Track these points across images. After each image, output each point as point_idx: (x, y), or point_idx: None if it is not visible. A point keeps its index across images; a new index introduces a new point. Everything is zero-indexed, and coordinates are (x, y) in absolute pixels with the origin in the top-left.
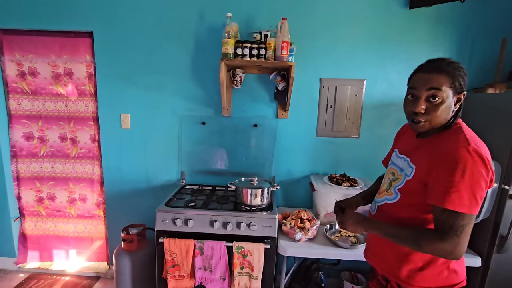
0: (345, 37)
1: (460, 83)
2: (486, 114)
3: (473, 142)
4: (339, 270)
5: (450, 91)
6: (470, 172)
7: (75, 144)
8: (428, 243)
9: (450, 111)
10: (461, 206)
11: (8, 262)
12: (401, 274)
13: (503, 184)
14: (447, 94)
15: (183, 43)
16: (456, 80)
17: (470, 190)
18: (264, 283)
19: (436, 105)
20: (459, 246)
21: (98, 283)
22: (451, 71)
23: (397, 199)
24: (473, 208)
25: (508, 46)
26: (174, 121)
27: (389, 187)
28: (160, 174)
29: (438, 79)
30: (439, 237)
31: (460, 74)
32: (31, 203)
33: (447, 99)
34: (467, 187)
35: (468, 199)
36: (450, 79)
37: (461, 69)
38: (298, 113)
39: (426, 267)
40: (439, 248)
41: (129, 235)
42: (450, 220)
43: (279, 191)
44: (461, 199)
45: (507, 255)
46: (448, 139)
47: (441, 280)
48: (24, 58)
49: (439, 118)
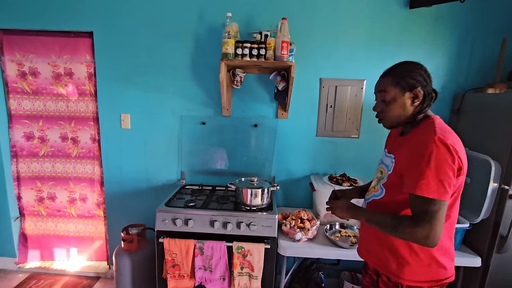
0: (345, 37)
1: (407, 81)
2: (486, 114)
3: (440, 132)
4: (339, 270)
5: (395, 89)
6: (435, 159)
7: (76, 144)
8: (404, 228)
9: (405, 107)
10: (428, 192)
11: (8, 262)
12: (391, 266)
13: (503, 184)
14: (394, 93)
15: (183, 43)
16: (401, 79)
17: (437, 177)
18: (264, 283)
19: (386, 104)
20: (432, 231)
21: (98, 283)
22: (395, 72)
23: (383, 195)
24: (442, 195)
25: (508, 46)
26: (174, 121)
27: (377, 184)
28: (160, 174)
29: (382, 82)
30: (414, 223)
31: (408, 73)
32: (31, 203)
33: (395, 98)
34: (433, 174)
35: (435, 185)
36: (392, 79)
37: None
38: (298, 113)
39: (413, 260)
40: (415, 234)
41: (129, 235)
42: (422, 206)
43: (279, 191)
44: (428, 186)
45: (507, 255)
46: (421, 133)
47: (430, 274)
48: (25, 58)
49: (393, 115)
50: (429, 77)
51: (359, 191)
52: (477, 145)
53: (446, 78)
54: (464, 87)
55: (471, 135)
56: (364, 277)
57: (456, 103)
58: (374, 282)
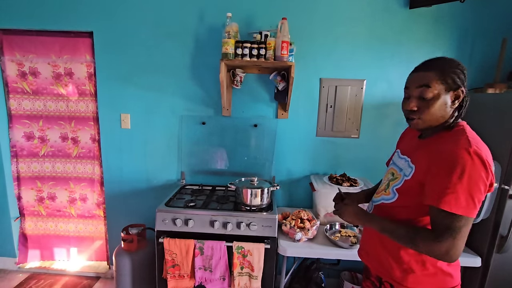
0: (345, 37)
1: (453, 79)
2: (486, 114)
3: (474, 144)
4: (339, 270)
5: (441, 86)
6: (468, 174)
7: (76, 144)
8: (423, 242)
9: (445, 109)
10: (457, 207)
11: (8, 262)
12: (395, 274)
13: (503, 184)
14: (439, 90)
15: (183, 43)
16: (448, 76)
17: (468, 192)
18: (264, 283)
19: (428, 102)
20: (454, 248)
21: (98, 283)
22: (440, 66)
23: (395, 199)
24: (471, 211)
25: (508, 46)
26: (174, 121)
27: (388, 187)
28: (160, 174)
29: (427, 76)
30: (435, 238)
31: (453, 69)
32: (31, 203)
33: (439, 95)
34: (465, 189)
35: (465, 201)
36: (439, 75)
37: (455, 64)
38: (298, 113)
39: (419, 269)
40: (434, 248)
41: (129, 235)
42: (446, 221)
43: (279, 191)
44: (457, 201)
45: (507, 255)
46: (449, 140)
47: (435, 283)
48: (25, 58)
49: (433, 115)
50: (466, 78)
51: (366, 195)
52: None
53: None
54: None
55: None
56: (364, 281)
57: None
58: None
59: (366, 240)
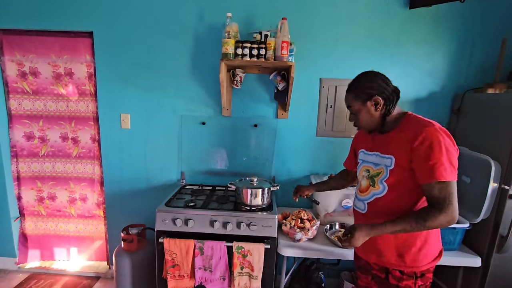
0: (345, 37)
1: (364, 92)
2: (486, 114)
3: (434, 122)
4: (339, 270)
5: (357, 102)
6: (444, 146)
7: (77, 144)
8: (431, 220)
9: (371, 115)
10: (447, 175)
11: (8, 262)
12: (406, 260)
13: (503, 184)
14: (358, 106)
15: (183, 43)
16: (360, 92)
17: (449, 161)
18: (264, 283)
19: (357, 115)
20: (454, 211)
21: (98, 283)
22: (353, 88)
23: (386, 191)
24: (455, 175)
25: (508, 46)
26: (174, 121)
27: (373, 182)
28: (160, 174)
29: (347, 98)
30: (439, 211)
31: (363, 84)
32: (31, 203)
33: (361, 109)
34: (446, 159)
35: (450, 169)
36: (353, 94)
37: (364, 78)
38: (298, 113)
39: (424, 246)
40: (442, 220)
41: (129, 235)
42: (442, 191)
43: (279, 191)
44: (445, 170)
45: (507, 255)
46: (412, 127)
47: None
48: (25, 58)
49: (364, 123)
50: (385, 81)
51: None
52: (477, 145)
53: (446, 78)
54: (464, 87)
55: (471, 135)
56: (360, 279)
57: (456, 103)
58: (381, 281)
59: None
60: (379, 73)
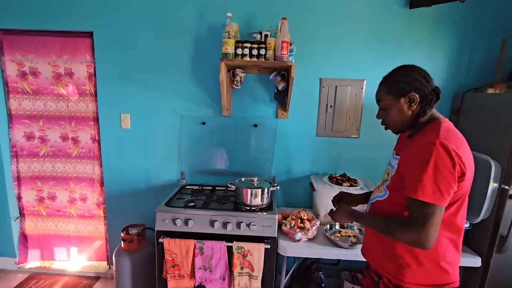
0: (345, 37)
1: (399, 87)
2: (486, 114)
3: (443, 136)
4: (339, 270)
5: (389, 97)
6: (434, 163)
7: (77, 144)
8: (397, 231)
9: (403, 112)
10: (424, 195)
11: (8, 262)
12: (390, 269)
13: (503, 184)
14: (389, 101)
15: (183, 43)
16: (393, 86)
17: (434, 181)
18: (264, 283)
19: (386, 112)
20: (425, 235)
21: (98, 283)
22: (386, 81)
23: (386, 196)
24: (437, 199)
25: (508, 46)
26: (174, 121)
27: (381, 185)
28: (160, 174)
29: (378, 91)
30: (407, 226)
31: (397, 79)
32: (31, 203)
33: (391, 105)
34: (430, 178)
35: (431, 189)
36: (386, 88)
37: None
38: (298, 113)
39: (413, 263)
40: (406, 236)
41: (129, 235)
42: (416, 209)
43: (279, 191)
44: (424, 189)
45: (507, 255)
46: (424, 135)
47: (431, 278)
48: (25, 58)
49: (394, 122)
50: (425, 78)
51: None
52: (477, 145)
53: (446, 78)
54: (464, 87)
55: (471, 135)
56: (364, 278)
57: (456, 103)
58: (375, 283)
59: (366, 238)
60: (420, 68)
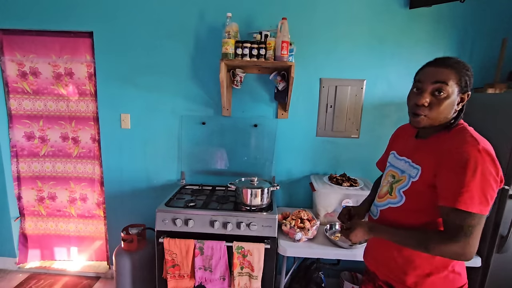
0: (345, 37)
1: (466, 82)
2: (486, 114)
3: (481, 141)
4: (339, 270)
5: (456, 87)
6: (481, 171)
7: (77, 144)
8: (437, 245)
9: (452, 109)
10: (472, 206)
11: (8, 262)
12: (408, 280)
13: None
14: (453, 90)
15: (183, 43)
16: (463, 78)
17: (481, 190)
18: (264, 283)
19: (440, 100)
20: (469, 247)
21: (98, 283)
22: (458, 68)
23: (402, 202)
24: (484, 208)
25: (508, 46)
26: (174, 121)
27: (391, 190)
28: (160, 174)
29: (446, 73)
30: (449, 238)
31: (467, 73)
32: (32, 203)
33: (452, 95)
34: (478, 187)
35: (478, 199)
36: (457, 75)
37: (469, 68)
38: (298, 113)
39: (434, 273)
40: (449, 249)
41: (129, 235)
42: (459, 220)
43: (279, 191)
44: (472, 199)
45: (507, 255)
46: (454, 139)
47: (447, 284)
48: (25, 58)
49: (441, 114)
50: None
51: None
52: None
53: None
54: None
55: None
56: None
57: None
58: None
59: (373, 245)
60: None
